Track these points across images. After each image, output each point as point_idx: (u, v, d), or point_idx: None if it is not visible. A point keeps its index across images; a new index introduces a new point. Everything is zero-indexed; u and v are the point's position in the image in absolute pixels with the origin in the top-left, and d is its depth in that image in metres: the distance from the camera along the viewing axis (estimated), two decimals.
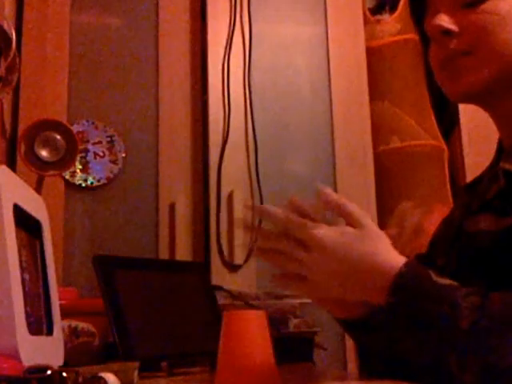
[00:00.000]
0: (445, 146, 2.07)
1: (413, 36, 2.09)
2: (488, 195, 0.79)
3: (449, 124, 2.15)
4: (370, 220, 0.75)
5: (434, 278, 0.70)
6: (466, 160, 2.08)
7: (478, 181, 0.91)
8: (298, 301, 1.43)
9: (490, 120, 0.90)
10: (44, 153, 1.38)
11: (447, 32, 0.82)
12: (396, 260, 0.72)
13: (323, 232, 0.73)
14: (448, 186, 2.02)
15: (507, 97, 0.83)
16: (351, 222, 0.74)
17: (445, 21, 0.82)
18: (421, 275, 0.71)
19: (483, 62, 0.80)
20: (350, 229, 0.74)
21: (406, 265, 0.72)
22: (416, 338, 0.70)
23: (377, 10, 2.20)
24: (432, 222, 1.73)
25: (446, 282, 0.70)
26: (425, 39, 0.89)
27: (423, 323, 0.69)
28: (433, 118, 2.08)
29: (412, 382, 0.70)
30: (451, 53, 0.82)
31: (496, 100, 0.84)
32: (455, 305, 0.67)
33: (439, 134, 2.07)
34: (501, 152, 0.87)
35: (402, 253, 0.77)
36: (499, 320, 0.66)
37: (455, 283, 0.70)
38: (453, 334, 0.67)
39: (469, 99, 0.86)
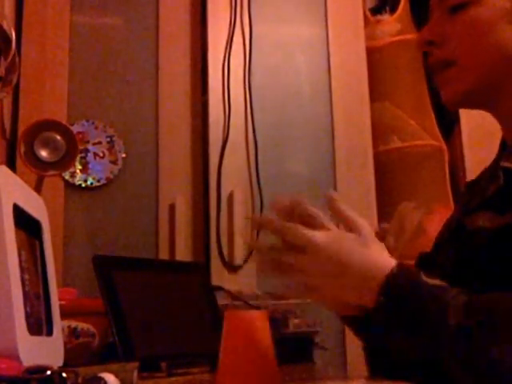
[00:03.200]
0: (445, 146, 2.07)
1: (413, 36, 2.09)
2: (487, 193, 0.80)
3: (449, 124, 2.15)
4: (367, 227, 0.76)
5: (424, 278, 0.71)
6: (466, 160, 2.08)
7: (479, 179, 0.91)
8: (298, 301, 1.43)
9: (491, 120, 0.90)
10: (44, 153, 1.38)
11: (431, 42, 0.85)
12: (387, 262, 0.73)
13: (315, 234, 0.73)
14: (448, 186, 2.02)
15: (500, 98, 0.83)
16: (350, 226, 0.76)
17: (429, 31, 0.85)
18: (410, 276, 0.72)
19: (465, 71, 0.82)
20: (342, 232, 0.75)
21: (397, 266, 0.72)
22: (407, 338, 0.71)
23: (377, 10, 2.20)
24: (432, 222, 1.73)
25: (436, 282, 0.71)
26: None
27: (413, 323, 0.69)
28: (433, 118, 2.08)
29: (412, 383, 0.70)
30: (437, 61, 0.85)
31: (489, 102, 0.85)
32: (444, 304, 0.68)
33: (439, 134, 2.07)
34: (503, 149, 0.88)
35: (402, 253, 0.78)
36: (485, 317, 0.66)
37: (445, 284, 0.71)
38: (442, 332, 0.67)
39: (458, 106, 0.89)
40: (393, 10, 2.14)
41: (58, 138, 1.39)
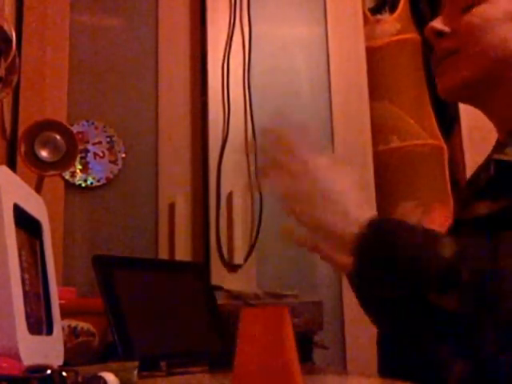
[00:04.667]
0: (445, 146, 2.07)
1: (413, 36, 2.10)
2: (480, 184, 0.84)
3: (449, 123, 2.15)
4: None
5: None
6: (466, 159, 2.08)
7: (476, 175, 0.93)
8: (298, 301, 1.43)
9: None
10: (44, 153, 1.38)
11: (440, 33, 0.89)
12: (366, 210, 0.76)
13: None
14: (448, 186, 2.02)
15: (493, 96, 0.87)
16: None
17: (438, 23, 0.89)
18: (391, 218, 0.76)
19: (467, 58, 0.86)
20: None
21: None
22: (392, 273, 0.71)
23: (377, 9, 2.20)
24: (432, 222, 1.73)
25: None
26: (427, 40, 0.93)
27: (400, 256, 0.70)
28: (432, 117, 2.08)
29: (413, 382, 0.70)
30: (442, 51, 0.89)
31: (483, 99, 0.88)
32: (434, 237, 0.70)
33: (439, 133, 2.08)
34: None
35: None
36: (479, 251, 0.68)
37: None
38: (435, 262, 0.68)
39: (452, 96, 0.92)
40: (392, 10, 2.15)
41: (58, 137, 1.39)
